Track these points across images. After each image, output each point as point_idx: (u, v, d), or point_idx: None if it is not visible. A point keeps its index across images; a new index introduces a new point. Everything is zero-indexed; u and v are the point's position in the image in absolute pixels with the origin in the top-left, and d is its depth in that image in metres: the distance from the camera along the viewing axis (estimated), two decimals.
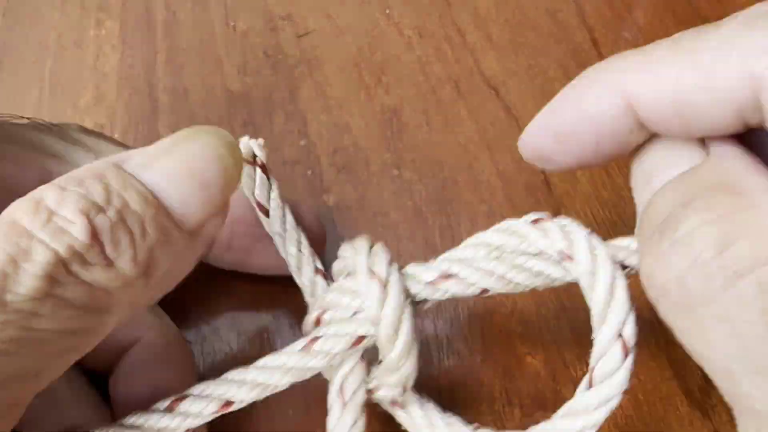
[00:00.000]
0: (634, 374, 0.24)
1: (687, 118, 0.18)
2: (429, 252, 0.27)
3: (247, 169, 0.23)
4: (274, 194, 0.23)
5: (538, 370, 0.25)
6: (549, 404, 0.24)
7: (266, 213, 0.23)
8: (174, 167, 0.19)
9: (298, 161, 0.30)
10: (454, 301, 0.26)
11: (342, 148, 0.30)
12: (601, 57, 0.33)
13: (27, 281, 0.16)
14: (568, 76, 0.33)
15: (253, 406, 0.24)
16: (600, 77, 0.19)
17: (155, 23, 0.35)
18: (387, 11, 0.35)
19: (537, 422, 0.24)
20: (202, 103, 0.32)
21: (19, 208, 0.17)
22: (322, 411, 0.24)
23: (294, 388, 0.25)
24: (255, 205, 0.23)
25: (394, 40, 0.34)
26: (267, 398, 0.24)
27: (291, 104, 0.32)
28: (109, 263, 0.17)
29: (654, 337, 0.25)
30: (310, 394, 0.24)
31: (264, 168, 0.23)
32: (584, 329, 0.26)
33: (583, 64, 0.33)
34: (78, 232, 0.16)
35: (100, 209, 0.17)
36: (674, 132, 0.18)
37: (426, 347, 0.25)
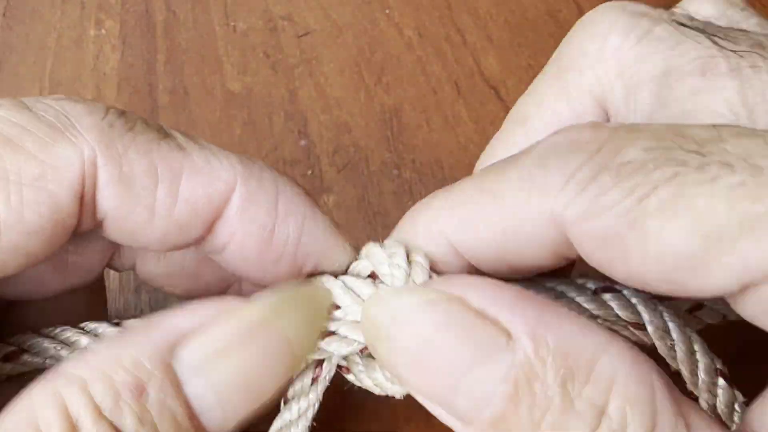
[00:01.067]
0: None
1: (508, 261, 0.17)
2: None
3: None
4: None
5: None
6: None
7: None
8: (229, 380, 0.16)
9: (298, 161, 0.30)
10: None
11: (342, 148, 0.30)
12: None
13: None
14: None
15: None
16: (420, 223, 0.19)
17: (155, 23, 0.35)
18: (387, 11, 0.35)
19: None
20: (202, 103, 0.32)
21: (46, 408, 0.15)
22: (322, 412, 0.24)
23: None
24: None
25: (394, 40, 0.34)
26: None
27: (291, 104, 0.32)
28: None
29: None
30: None
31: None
32: None
33: None
34: None
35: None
36: (504, 273, 0.18)
37: None
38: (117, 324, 0.19)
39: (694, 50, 0.18)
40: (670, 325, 0.18)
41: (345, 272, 0.20)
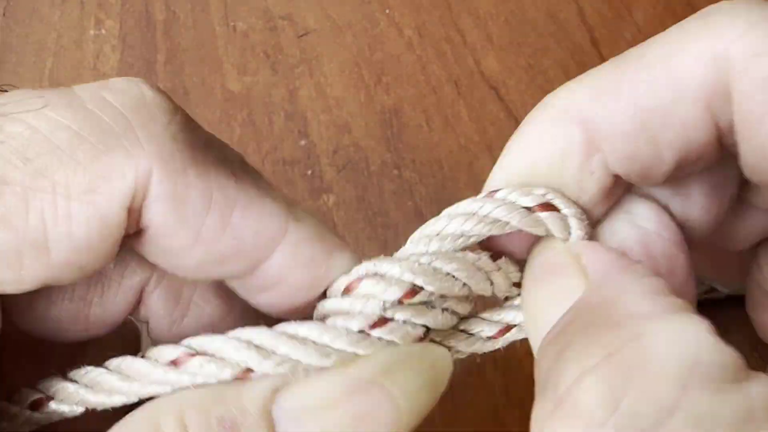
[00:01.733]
0: None
1: (654, 132, 0.15)
2: None
3: None
4: None
5: None
6: None
7: None
8: None
9: (298, 161, 0.30)
10: None
11: (342, 148, 0.30)
12: (601, 57, 0.33)
13: None
14: (568, 76, 0.33)
15: None
16: (552, 113, 0.17)
17: (155, 23, 0.35)
18: (387, 11, 0.35)
19: None
20: (202, 103, 0.32)
21: None
22: None
23: None
24: None
25: (394, 40, 0.34)
26: None
27: (291, 104, 0.32)
28: None
29: None
30: None
31: None
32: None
33: (583, 64, 0.33)
34: None
35: None
36: (641, 159, 0.16)
37: None
38: (142, 356, 0.17)
39: None
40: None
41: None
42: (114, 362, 0.17)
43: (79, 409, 0.17)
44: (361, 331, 0.16)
